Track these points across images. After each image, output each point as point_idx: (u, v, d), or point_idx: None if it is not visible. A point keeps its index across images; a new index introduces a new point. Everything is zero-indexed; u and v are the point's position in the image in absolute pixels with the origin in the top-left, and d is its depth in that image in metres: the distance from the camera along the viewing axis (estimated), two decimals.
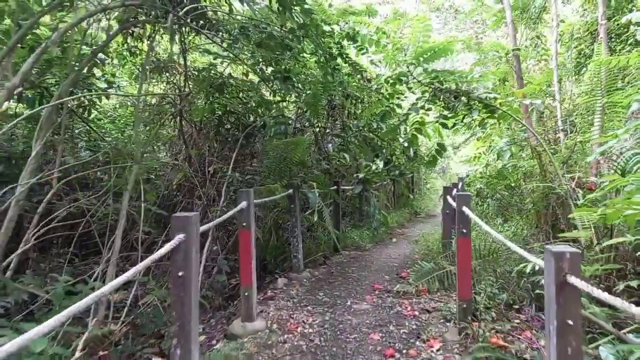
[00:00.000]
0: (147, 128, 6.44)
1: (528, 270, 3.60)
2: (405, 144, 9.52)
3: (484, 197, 7.52)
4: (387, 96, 5.14)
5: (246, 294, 3.42)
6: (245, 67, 6.37)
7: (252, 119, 6.87)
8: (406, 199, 11.75)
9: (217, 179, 6.29)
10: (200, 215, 2.25)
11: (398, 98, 5.23)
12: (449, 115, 4.92)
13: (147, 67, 4.94)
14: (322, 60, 5.23)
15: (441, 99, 4.74)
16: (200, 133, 6.75)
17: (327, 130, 8.16)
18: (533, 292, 3.90)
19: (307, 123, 7.81)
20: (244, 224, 3.41)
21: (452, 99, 4.64)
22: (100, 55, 6.22)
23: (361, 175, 8.22)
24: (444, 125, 5.08)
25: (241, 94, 6.48)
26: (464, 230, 3.27)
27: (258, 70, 6.01)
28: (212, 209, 5.58)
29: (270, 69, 5.83)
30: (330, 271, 5.37)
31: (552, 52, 6.51)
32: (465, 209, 3.26)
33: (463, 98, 4.66)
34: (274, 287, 4.59)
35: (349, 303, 4.11)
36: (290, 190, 4.91)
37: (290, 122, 7.23)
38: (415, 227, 9.43)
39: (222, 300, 4.97)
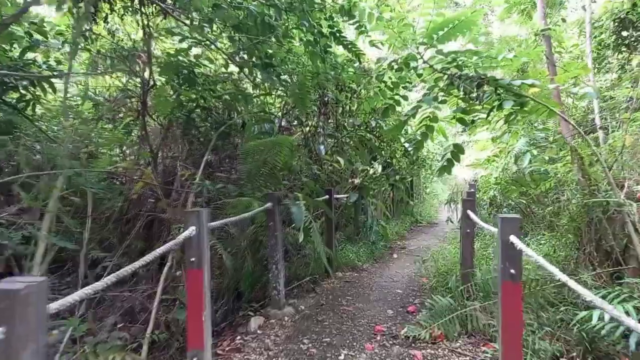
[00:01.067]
0: (98, 126, 5.38)
1: (595, 320, 2.59)
2: (407, 145, 8.52)
3: (497, 206, 6.52)
4: (391, 86, 4.13)
5: None
6: (222, 54, 5.33)
7: (229, 115, 5.83)
8: (406, 206, 10.74)
9: (185, 188, 5.25)
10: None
11: (405, 88, 4.21)
12: (468, 109, 3.91)
13: (78, 41, 3.88)
14: (310, 39, 4.21)
15: (460, 88, 3.73)
16: (169, 133, 5.70)
17: (319, 130, 7.13)
18: (589, 344, 2.89)
19: (295, 121, 6.78)
20: (193, 259, 2.37)
21: (475, 87, 3.63)
22: (53, 40, 5.15)
23: (357, 181, 7.21)
24: (462, 122, 4.06)
25: (218, 86, 5.43)
26: (513, 272, 2.26)
27: (238, 58, 4.99)
28: (174, 226, 4.53)
29: (250, 56, 4.81)
30: (320, 302, 4.33)
31: (586, 32, 5.54)
32: (514, 239, 2.23)
33: (489, 87, 3.65)
34: (245, 330, 3.54)
35: (342, 357, 3.07)
36: (269, 204, 3.87)
37: (275, 119, 6.21)
38: (417, 238, 8.42)
39: (182, 341, 3.92)
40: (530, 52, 3.97)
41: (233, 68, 5.82)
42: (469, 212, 4.02)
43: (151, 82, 5.54)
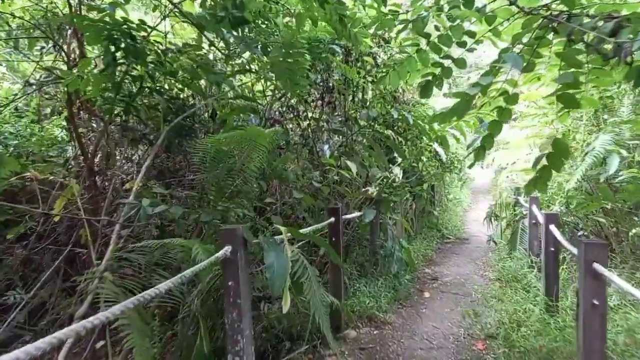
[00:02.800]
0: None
1: None
2: (435, 145, 6.74)
3: (570, 226, 4.73)
4: (437, 43, 2.41)
5: None
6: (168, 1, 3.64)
7: (193, 103, 4.14)
8: (428, 217, 8.97)
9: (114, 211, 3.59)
10: None
11: (460, 45, 2.45)
12: (589, 74, 2.15)
13: None
14: None
15: (574, 37, 1.99)
16: (108, 125, 4.00)
17: (322, 124, 5.39)
18: None
19: (291, 113, 5.05)
20: None
21: (609, 33, 1.89)
22: None
23: (373, 191, 5.48)
24: (568, 101, 2.29)
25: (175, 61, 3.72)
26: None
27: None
28: (91, 271, 2.82)
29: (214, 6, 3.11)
30: None
31: None
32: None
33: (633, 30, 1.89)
34: None
35: None
36: (226, 250, 2.14)
37: (259, 108, 4.49)
38: (449, 262, 6.63)
39: None
40: None
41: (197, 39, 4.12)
42: (597, 266, 2.20)
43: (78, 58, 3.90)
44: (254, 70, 4.10)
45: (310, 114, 5.20)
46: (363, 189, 5.58)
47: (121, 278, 2.44)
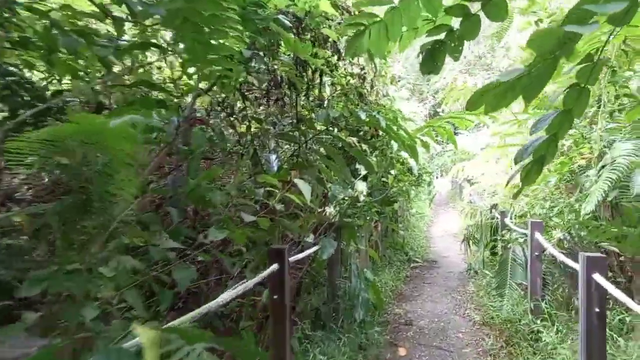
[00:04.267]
0: None
1: None
2: (406, 155, 5.68)
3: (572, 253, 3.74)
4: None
5: None
6: None
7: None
8: (393, 237, 7.91)
9: None
10: None
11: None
12: None
13: None
14: None
15: None
16: None
17: (268, 128, 4.14)
18: None
19: (222, 110, 3.76)
20: None
21: None
22: None
23: (333, 213, 4.36)
24: None
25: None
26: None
27: None
28: None
29: None
30: None
31: None
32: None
33: None
34: None
35: None
36: None
37: (177, 102, 3.18)
38: (422, 295, 5.54)
39: None
40: None
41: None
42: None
43: None
44: (163, 43, 2.80)
45: (250, 113, 3.95)
46: (319, 210, 4.40)
47: None
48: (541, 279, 3.81)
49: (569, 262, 2.73)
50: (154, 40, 2.78)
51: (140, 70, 3.13)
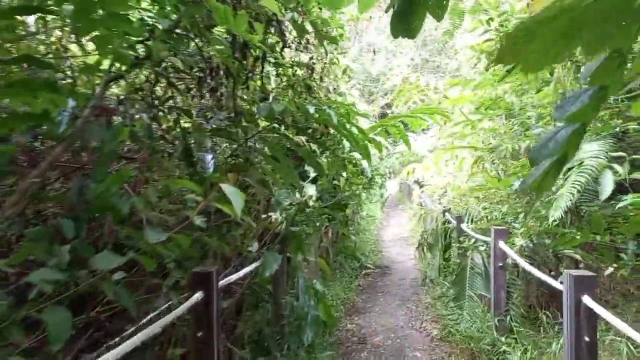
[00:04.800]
0: None
1: None
2: (359, 156, 5.29)
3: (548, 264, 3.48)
4: None
5: None
6: None
7: None
8: (344, 242, 7.51)
9: None
10: None
11: None
12: None
13: None
14: None
15: None
16: None
17: (201, 123, 3.54)
18: None
19: (140, 99, 3.13)
20: None
21: None
22: None
23: (279, 220, 3.87)
24: None
25: None
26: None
27: None
28: None
29: None
30: None
31: None
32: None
33: None
34: None
35: None
36: None
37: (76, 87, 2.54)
38: (376, 307, 5.15)
39: None
40: None
41: None
42: None
43: None
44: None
45: (181, 104, 3.37)
46: (264, 216, 3.89)
47: None
48: (505, 292, 3.52)
49: (551, 281, 2.40)
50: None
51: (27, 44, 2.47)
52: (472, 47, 7.48)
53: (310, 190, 4.31)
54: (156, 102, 3.27)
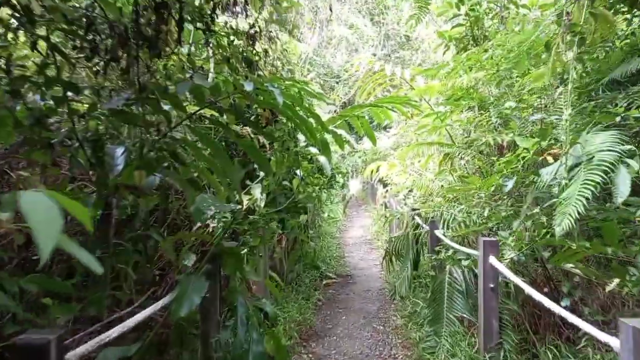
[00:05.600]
0: None
1: None
2: (315, 151, 4.52)
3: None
4: None
5: None
6: None
7: None
8: (302, 249, 6.72)
9: None
10: None
11: None
12: None
13: None
14: None
15: None
16: None
17: (95, 100, 2.64)
18: None
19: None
20: None
21: None
22: None
23: (212, 229, 3.09)
24: None
25: None
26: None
27: None
28: None
29: None
30: None
31: None
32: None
33: None
34: None
35: None
36: None
37: None
38: (337, 329, 4.39)
39: None
40: None
41: None
42: None
43: None
44: None
45: (66, 74, 2.48)
46: (199, 225, 3.08)
47: None
48: (497, 319, 2.85)
49: (566, 314, 1.69)
50: None
51: None
52: (441, 33, 6.87)
53: (257, 191, 3.50)
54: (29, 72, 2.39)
